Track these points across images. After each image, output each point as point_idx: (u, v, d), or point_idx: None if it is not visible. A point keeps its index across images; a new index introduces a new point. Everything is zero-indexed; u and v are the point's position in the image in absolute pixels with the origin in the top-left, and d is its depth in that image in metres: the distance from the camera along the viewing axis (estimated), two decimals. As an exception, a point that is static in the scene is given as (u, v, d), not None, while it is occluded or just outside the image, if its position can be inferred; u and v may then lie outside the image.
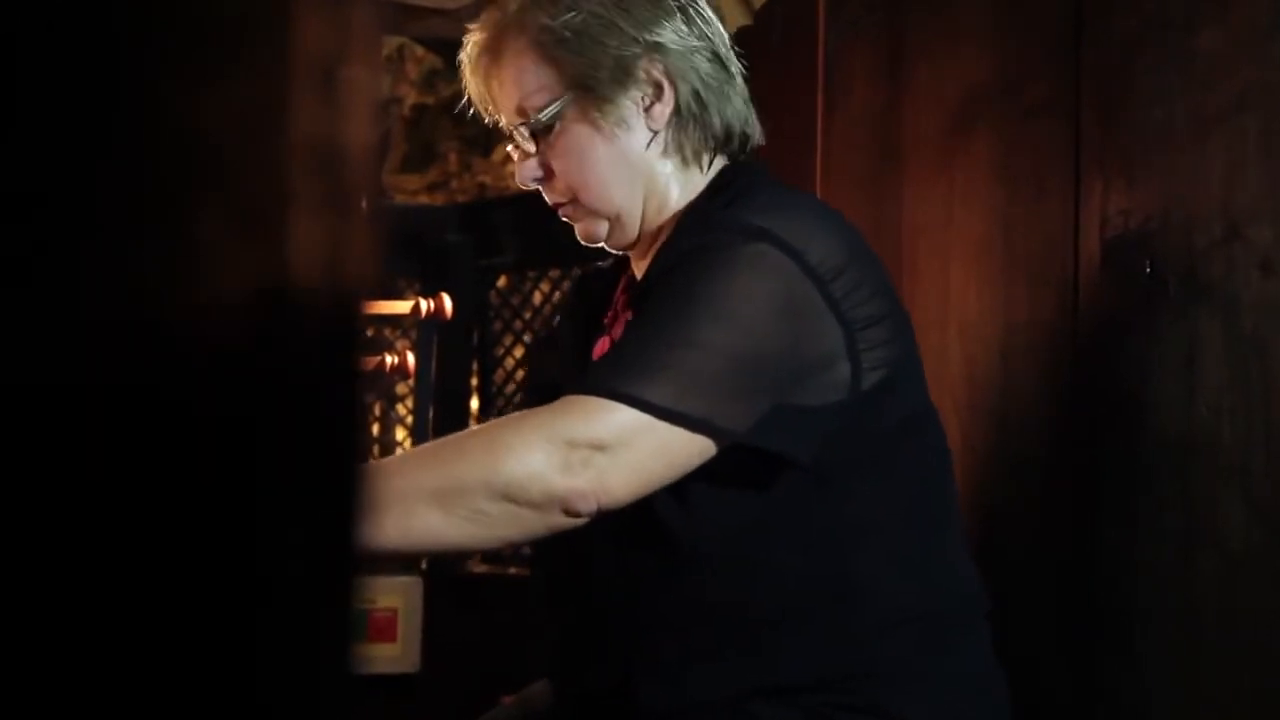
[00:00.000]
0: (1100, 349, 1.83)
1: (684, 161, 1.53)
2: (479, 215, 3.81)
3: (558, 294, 3.72)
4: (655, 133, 1.51)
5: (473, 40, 1.56)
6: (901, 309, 1.51)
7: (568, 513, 1.32)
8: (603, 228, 1.55)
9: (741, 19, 3.46)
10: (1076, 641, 1.84)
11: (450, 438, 1.39)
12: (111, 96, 0.47)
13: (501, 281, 3.82)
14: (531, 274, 3.77)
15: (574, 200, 1.54)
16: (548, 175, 1.54)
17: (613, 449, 1.31)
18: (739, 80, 1.57)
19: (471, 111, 1.59)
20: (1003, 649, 1.60)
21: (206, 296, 0.48)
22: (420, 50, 5.21)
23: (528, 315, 3.76)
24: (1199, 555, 1.63)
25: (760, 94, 1.63)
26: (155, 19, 0.47)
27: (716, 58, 1.54)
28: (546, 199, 1.57)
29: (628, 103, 1.50)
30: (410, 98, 5.26)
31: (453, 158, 5.24)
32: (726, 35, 1.58)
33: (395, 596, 2.46)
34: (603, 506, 1.32)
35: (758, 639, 1.44)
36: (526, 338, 3.72)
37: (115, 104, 0.47)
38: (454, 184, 5.24)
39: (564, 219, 1.58)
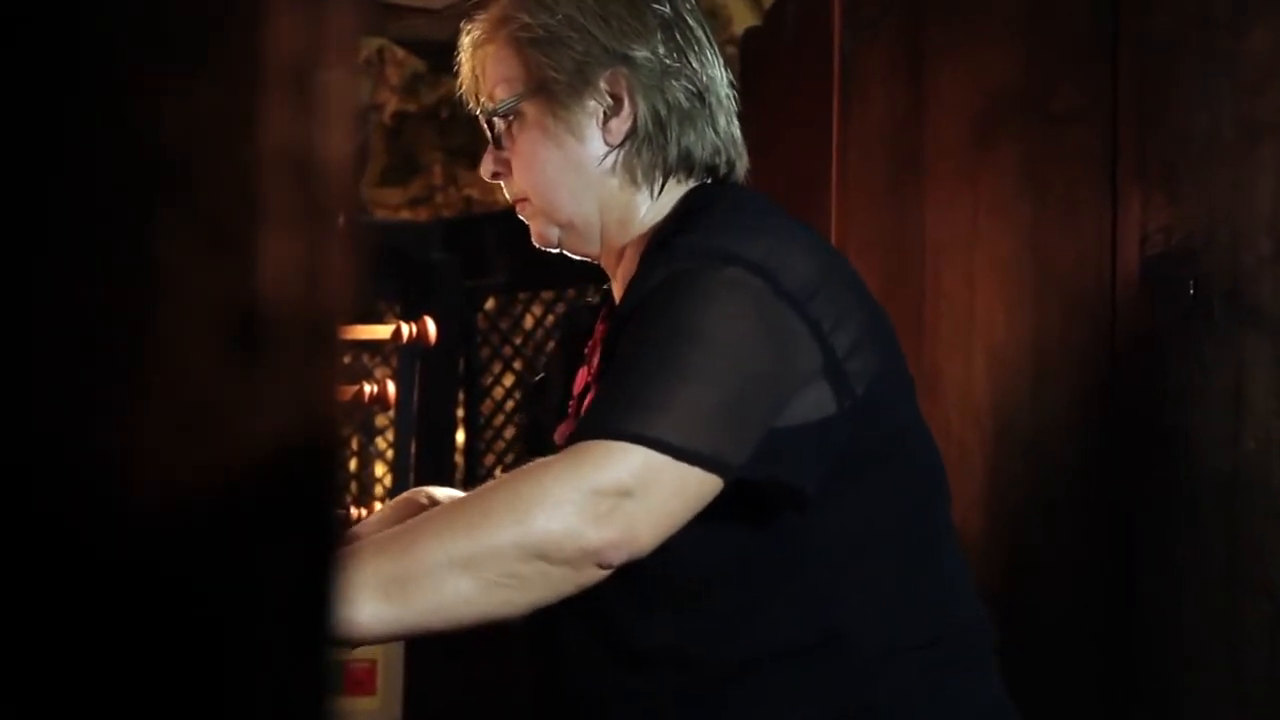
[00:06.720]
0: (1139, 376, 1.83)
1: (633, 181, 1.60)
2: (466, 232, 3.81)
3: (550, 318, 3.72)
4: (611, 147, 1.58)
5: (472, 24, 1.65)
6: (884, 321, 1.55)
7: (601, 566, 1.36)
8: (553, 232, 1.62)
9: (749, 19, 3.48)
10: (1114, 695, 1.83)
11: (465, 499, 1.42)
12: (70, 101, 0.47)
13: (490, 304, 3.82)
14: (522, 296, 3.77)
15: (528, 199, 1.62)
16: (507, 170, 1.63)
17: (637, 493, 1.35)
18: (721, 115, 1.63)
19: (459, 115, 1.67)
20: (1035, 703, 1.60)
21: (168, 320, 0.48)
22: (402, 53, 5.23)
23: (518, 341, 3.76)
24: (1245, 603, 1.63)
25: (770, 100, 1.65)
26: (116, 18, 0.47)
27: (694, 86, 1.59)
28: (505, 194, 1.65)
29: (584, 112, 1.58)
30: (391, 104, 5.27)
31: (437, 170, 5.25)
32: (721, 68, 1.64)
33: (374, 647, 2.45)
34: (631, 556, 1.36)
35: (740, 684, 1.47)
36: (517, 365, 3.72)
37: (73, 109, 0.47)
38: (438, 198, 5.25)
39: (520, 218, 1.66)
